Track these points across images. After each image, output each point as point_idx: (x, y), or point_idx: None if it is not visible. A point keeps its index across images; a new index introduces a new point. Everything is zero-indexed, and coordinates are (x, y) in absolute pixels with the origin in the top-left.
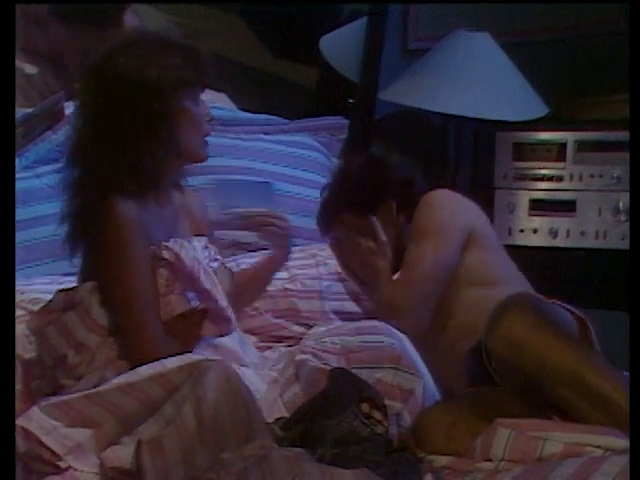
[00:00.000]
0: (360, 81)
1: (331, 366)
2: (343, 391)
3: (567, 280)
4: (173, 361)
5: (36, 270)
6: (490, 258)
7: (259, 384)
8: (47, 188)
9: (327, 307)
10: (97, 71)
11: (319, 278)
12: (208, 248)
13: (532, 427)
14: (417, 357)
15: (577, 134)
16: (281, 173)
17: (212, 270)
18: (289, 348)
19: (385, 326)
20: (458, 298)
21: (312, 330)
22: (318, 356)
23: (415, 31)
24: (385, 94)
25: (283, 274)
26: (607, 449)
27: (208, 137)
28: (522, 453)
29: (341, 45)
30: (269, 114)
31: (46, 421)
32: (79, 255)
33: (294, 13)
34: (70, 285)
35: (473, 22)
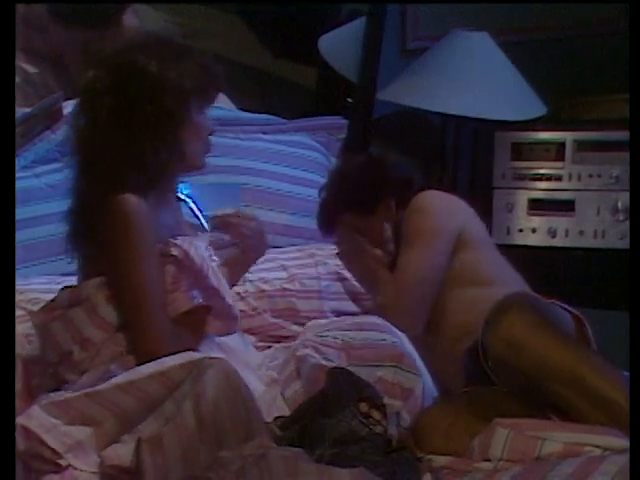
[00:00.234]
0: (359, 81)
1: (332, 361)
2: (342, 390)
3: (566, 280)
4: (173, 359)
5: (34, 270)
6: (483, 258)
7: (258, 385)
8: (46, 188)
9: (326, 307)
10: (115, 65)
11: (318, 278)
12: (208, 248)
13: (531, 427)
14: (417, 356)
15: (576, 134)
16: (281, 173)
17: None
18: (285, 344)
19: (385, 323)
20: (454, 298)
21: (310, 322)
22: (319, 350)
23: (414, 31)
24: (384, 94)
25: (282, 274)
26: (606, 449)
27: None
28: (521, 453)
29: (340, 45)
30: (269, 114)
31: (46, 419)
32: (79, 254)
33: (293, 13)
34: (69, 284)
35: (472, 22)
